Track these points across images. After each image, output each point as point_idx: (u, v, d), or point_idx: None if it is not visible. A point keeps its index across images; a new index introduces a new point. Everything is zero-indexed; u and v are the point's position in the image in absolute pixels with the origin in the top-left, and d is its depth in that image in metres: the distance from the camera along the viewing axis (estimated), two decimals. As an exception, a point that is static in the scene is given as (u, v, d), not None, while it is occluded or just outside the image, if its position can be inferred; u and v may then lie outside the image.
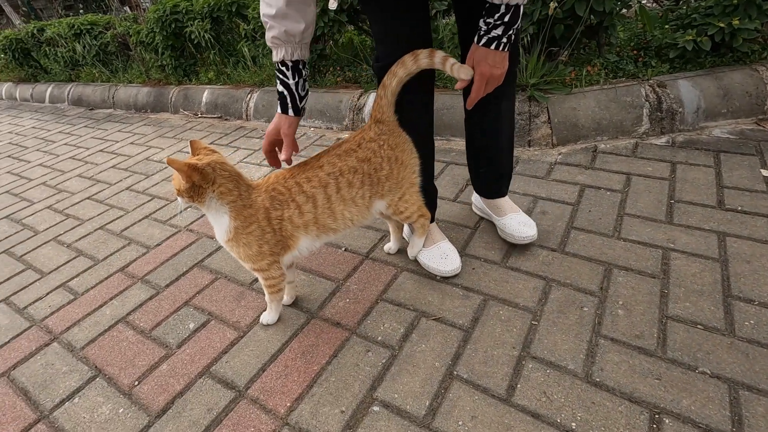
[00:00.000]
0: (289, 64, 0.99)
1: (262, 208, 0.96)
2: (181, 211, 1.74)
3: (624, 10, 1.95)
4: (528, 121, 1.79)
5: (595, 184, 1.51)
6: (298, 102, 1.02)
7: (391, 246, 1.31)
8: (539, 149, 1.79)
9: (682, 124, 1.73)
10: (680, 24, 1.88)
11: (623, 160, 1.62)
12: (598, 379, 0.89)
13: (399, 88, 1.01)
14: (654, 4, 2.37)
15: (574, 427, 0.81)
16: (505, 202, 1.32)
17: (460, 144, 1.93)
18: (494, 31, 0.90)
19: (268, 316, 1.12)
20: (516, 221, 1.27)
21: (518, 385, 0.90)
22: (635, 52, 1.99)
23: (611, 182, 1.50)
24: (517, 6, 0.89)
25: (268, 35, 0.98)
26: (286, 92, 1.02)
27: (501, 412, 0.86)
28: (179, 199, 0.93)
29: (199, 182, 0.89)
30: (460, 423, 0.85)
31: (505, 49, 0.93)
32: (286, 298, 1.17)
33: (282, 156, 1.07)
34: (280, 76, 1.01)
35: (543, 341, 0.99)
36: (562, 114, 1.77)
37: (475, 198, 1.43)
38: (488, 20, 0.90)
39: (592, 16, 1.76)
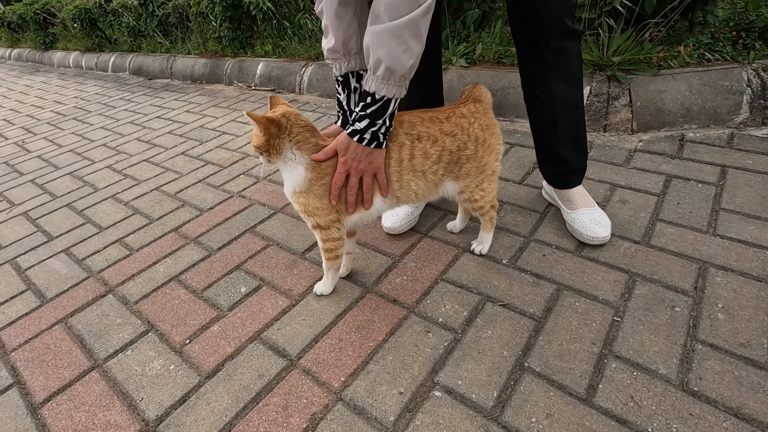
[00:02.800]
0: (340, 79, 0.96)
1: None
2: (264, 176, 1.72)
3: (725, -14, 1.74)
4: (605, 104, 1.63)
5: (684, 174, 1.35)
6: (348, 116, 0.98)
7: (456, 224, 1.22)
8: (616, 135, 1.63)
9: (789, 115, 1.52)
10: (794, 2, 1.65)
11: (716, 150, 1.44)
12: (696, 389, 0.78)
13: None
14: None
15: (670, 440, 0.71)
16: (577, 194, 1.18)
17: (525, 126, 1.80)
18: (358, 123, 0.82)
19: (323, 286, 1.07)
20: (588, 217, 1.12)
21: (600, 386, 0.80)
22: (734, 33, 1.76)
23: (703, 174, 1.34)
24: (387, 101, 0.77)
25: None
26: (338, 108, 1.00)
27: (581, 413, 0.76)
28: (260, 157, 0.90)
29: (276, 134, 0.85)
30: (533, 420, 0.76)
31: (371, 145, 0.83)
32: (342, 270, 1.11)
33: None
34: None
35: (628, 340, 0.87)
36: (645, 97, 1.60)
37: (546, 184, 1.31)
38: (355, 108, 0.80)
39: (690, -10, 1.57)
